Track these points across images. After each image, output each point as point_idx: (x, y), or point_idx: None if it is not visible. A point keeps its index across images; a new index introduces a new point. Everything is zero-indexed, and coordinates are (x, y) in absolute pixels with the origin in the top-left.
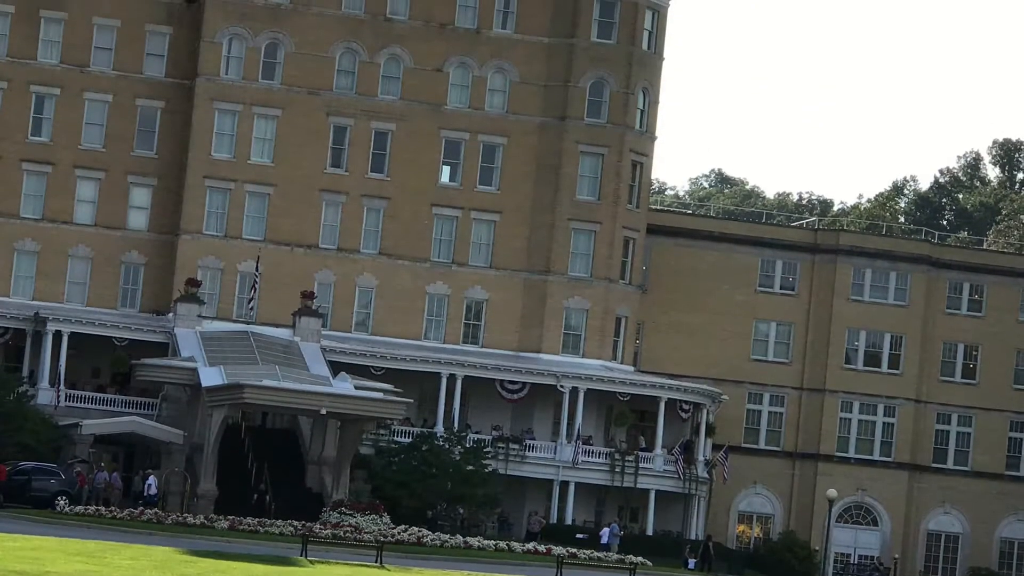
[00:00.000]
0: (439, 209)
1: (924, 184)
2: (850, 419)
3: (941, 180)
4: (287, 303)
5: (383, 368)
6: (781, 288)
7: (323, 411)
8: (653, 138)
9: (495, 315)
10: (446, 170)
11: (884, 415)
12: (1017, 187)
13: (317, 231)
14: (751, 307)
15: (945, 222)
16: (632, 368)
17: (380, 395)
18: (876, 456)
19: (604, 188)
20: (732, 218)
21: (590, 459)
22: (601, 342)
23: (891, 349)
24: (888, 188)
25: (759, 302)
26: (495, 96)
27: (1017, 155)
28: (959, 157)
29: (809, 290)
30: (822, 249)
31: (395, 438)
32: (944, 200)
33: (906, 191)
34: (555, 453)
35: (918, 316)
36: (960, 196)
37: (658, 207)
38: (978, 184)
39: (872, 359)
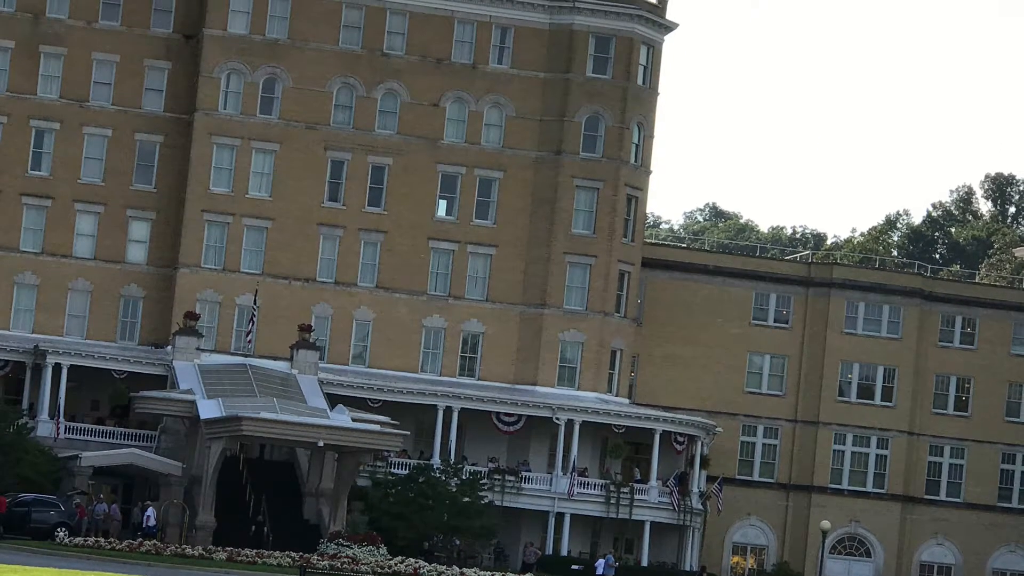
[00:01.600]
0: (436, 243)
1: (917, 218)
2: (843, 451)
3: (934, 214)
4: (285, 336)
5: (380, 400)
6: (775, 321)
7: (321, 443)
8: (648, 172)
9: (491, 348)
10: (442, 204)
11: (877, 447)
12: (1009, 221)
13: (315, 265)
14: (745, 340)
15: (938, 256)
16: (627, 400)
17: (377, 427)
18: (869, 488)
19: (599, 222)
20: (726, 252)
21: (585, 491)
22: (596, 375)
23: (884, 381)
24: (881, 222)
25: (753, 335)
26: (491, 131)
27: (1009, 189)
28: (951, 191)
29: (803, 323)
30: (816, 282)
31: (392, 470)
32: (937, 234)
33: (899, 225)
34: (551, 485)
35: (911, 349)
36: (953, 230)
37: (653, 241)
38: (970, 218)
39: (865, 391)
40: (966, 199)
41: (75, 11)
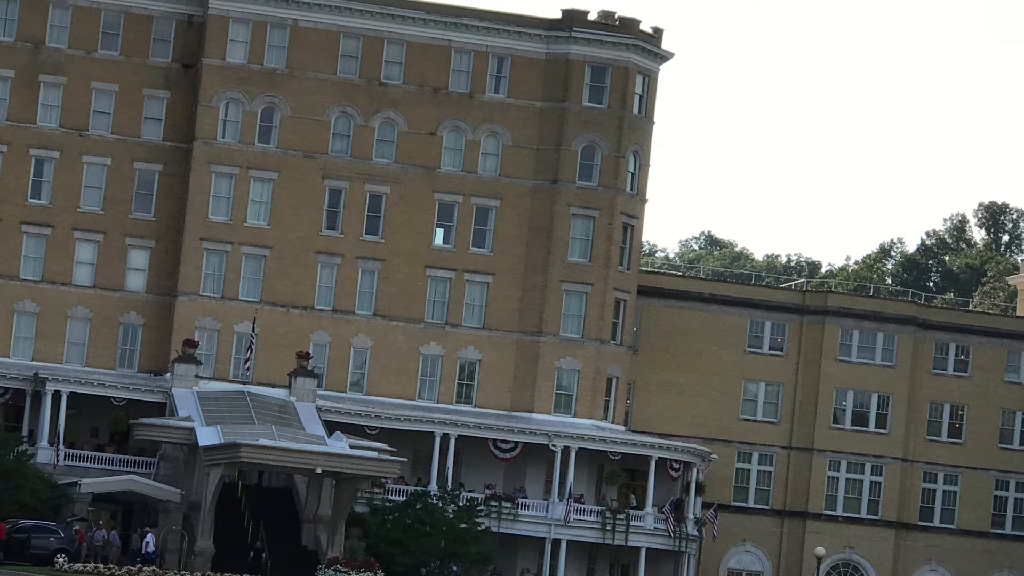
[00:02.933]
0: (433, 271)
1: (911, 246)
2: (838, 478)
3: (927, 242)
4: (283, 363)
5: (377, 428)
6: (770, 349)
7: (318, 470)
8: (644, 200)
9: (488, 375)
10: (440, 232)
11: (871, 474)
12: (1002, 249)
13: (313, 293)
14: (740, 367)
15: (931, 284)
16: (623, 427)
17: (375, 454)
18: (864, 514)
19: (596, 250)
20: (721, 280)
21: (582, 517)
22: (592, 402)
23: (878, 409)
24: (875, 250)
25: (748, 362)
26: (488, 159)
27: (1002, 217)
28: (945, 219)
29: (797, 351)
30: (810, 310)
31: (389, 496)
32: (931, 262)
33: (893, 253)
34: (547, 511)
35: (905, 376)
36: (946, 258)
37: (649, 269)
38: (964, 246)
39: (859, 419)
40: (960, 227)
41: (75, 41)
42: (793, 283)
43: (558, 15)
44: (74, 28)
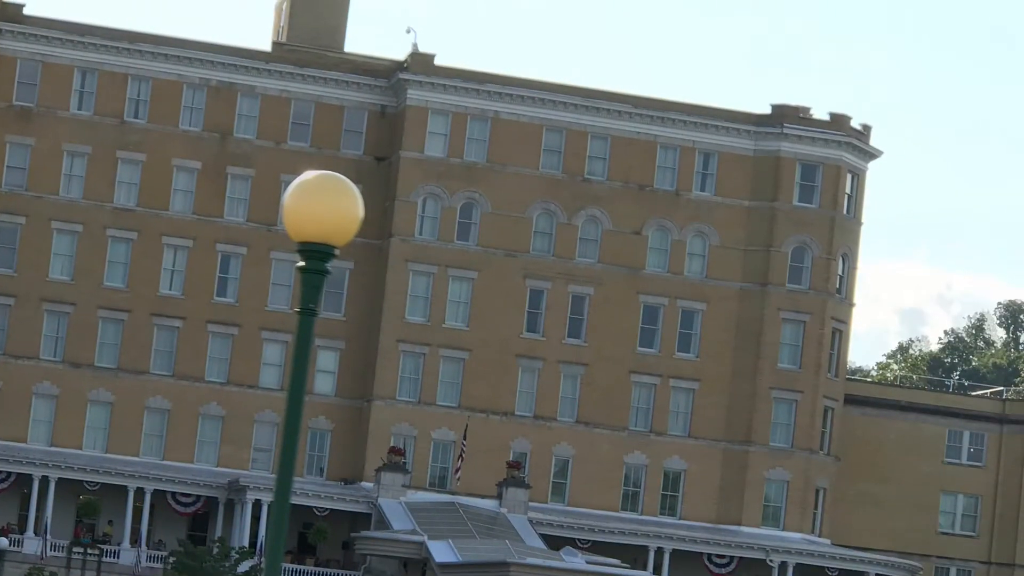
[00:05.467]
0: (637, 376)
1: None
2: None
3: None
4: (482, 471)
5: (589, 541)
6: (968, 459)
7: None
8: (851, 305)
9: (693, 485)
10: (644, 336)
11: None
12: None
13: (513, 398)
14: (938, 479)
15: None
16: (828, 541)
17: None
18: None
19: (806, 356)
20: (919, 388)
21: None
22: (802, 514)
23: None
24: None
25: (946, 473)
26: (694, 260)
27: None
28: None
29: (997, 461)
30: (1011, 419)
31: None
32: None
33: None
34: None
35: None
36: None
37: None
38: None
39: None
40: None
41: (263, 131)
42: (991, 391)
43: (767, 110)
44: (263, 118)
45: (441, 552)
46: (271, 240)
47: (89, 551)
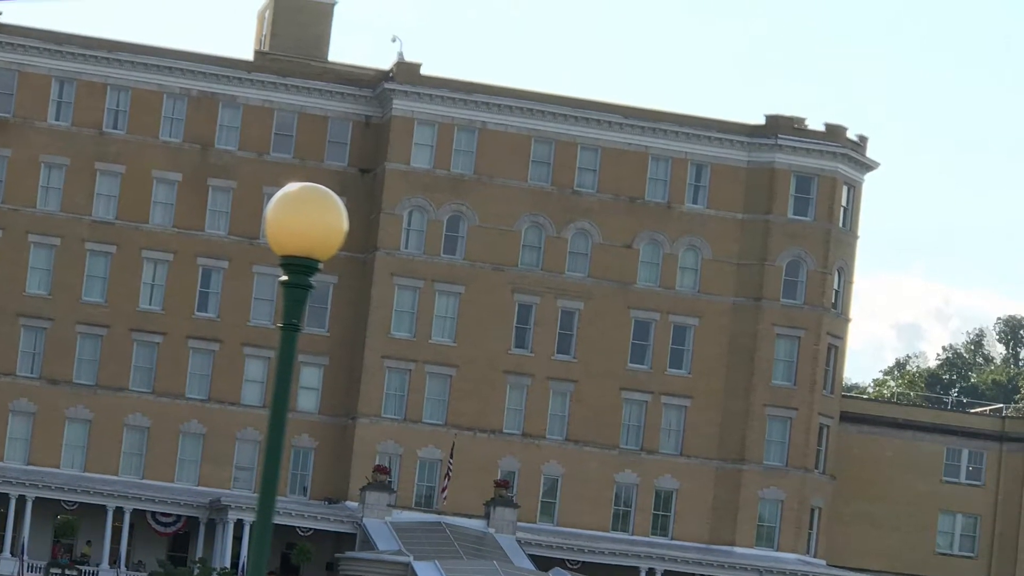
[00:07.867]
0: (628, 393)
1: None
2: None
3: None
4: (469, 490)
5: (579, 562)
6: (967, 478)
7: None
8: (847, 320)
9: (685, 505)
10: (635, 352)
11: None
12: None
13: (501, 415)
14: (935, 498)
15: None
16: (824, 562)
17: None
18: None
19: (801, 373)
20: (916, 405)
21: None
22: (796, 534)
23: None
24: None
25: (944, 493)
26: (686, 274)
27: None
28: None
29: (996, 480)
30: (1010, 437)
31: None
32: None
33: None
34: None
35: None
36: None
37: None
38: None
39: None
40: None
41: (245, 142)
42: (990, 408)
43: (761, 121)
44: (245, 129)
45: (427, 573)
46: (253, 254)
47: (67, 572)
